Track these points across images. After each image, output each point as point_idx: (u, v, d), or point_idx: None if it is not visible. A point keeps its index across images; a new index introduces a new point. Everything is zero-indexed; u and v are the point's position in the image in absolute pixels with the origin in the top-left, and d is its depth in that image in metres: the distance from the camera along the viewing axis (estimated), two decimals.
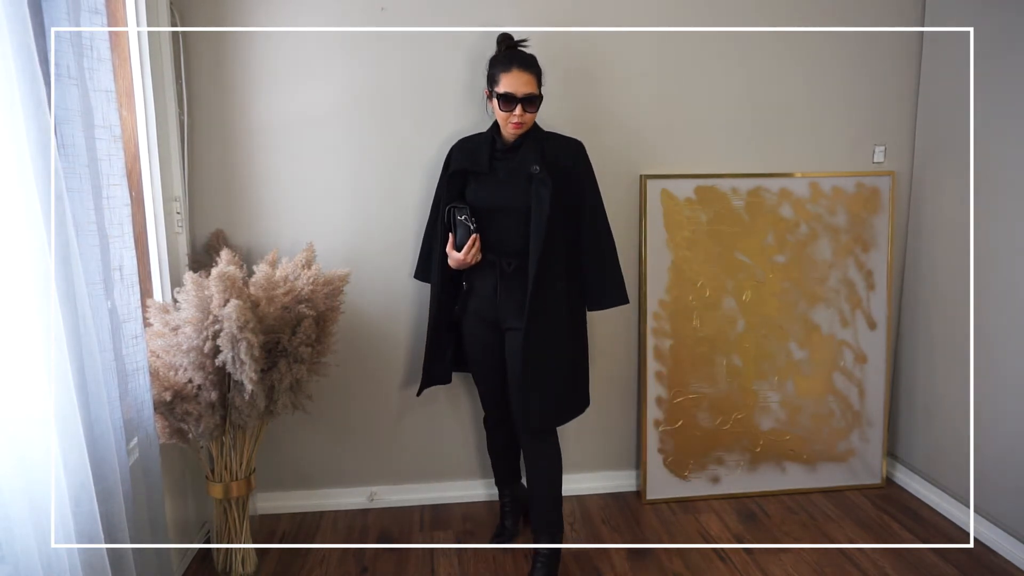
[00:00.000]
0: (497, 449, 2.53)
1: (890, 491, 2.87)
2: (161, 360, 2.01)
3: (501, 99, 2.12)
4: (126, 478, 1.64)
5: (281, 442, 2.69)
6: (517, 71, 2.11)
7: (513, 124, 2.14)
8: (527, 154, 2.18)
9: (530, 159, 2.18)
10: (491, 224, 2.21)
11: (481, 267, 2.24)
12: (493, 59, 2.21)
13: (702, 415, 2.80)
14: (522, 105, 2.11)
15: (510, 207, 2.19)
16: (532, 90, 2.13)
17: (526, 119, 2.15)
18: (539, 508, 2.27)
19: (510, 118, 2.13)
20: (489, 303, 2.25)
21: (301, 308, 2.11)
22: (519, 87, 2.11)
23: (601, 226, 2.29)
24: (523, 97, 2.11)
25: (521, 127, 2.15)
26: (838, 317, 2.83)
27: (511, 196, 2.19)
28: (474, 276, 2.27)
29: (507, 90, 2.11)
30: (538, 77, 2.16)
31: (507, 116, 2.13)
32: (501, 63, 2.15)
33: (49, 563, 1.30)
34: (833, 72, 2.73)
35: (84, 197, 1.53)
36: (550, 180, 2.14)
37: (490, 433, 2.51)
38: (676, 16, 2.60)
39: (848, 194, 2.78)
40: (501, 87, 2.12)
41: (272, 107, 2.49)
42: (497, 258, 2.22)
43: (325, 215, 2.57)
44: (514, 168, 2.20)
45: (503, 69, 2.13)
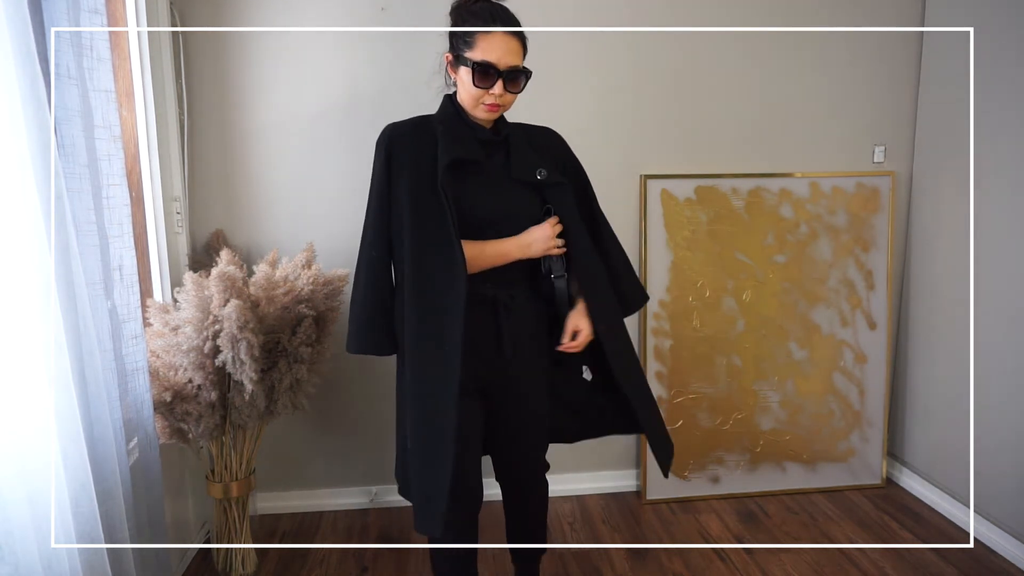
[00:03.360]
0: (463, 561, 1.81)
1: (890, 491, 2.87)
2: (161, 360, 2.01)
3: (476, 70, 1.56)
4: (126, 478, 1.64)
5: (281, 442, 2.69)
6: (502, 35, 1.56)
7: (487, 105, 1.60)
8: (523, 151, 1.71)
9: (530, 158, 1.70)
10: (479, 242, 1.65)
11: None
12: (459, 8, 1.63)
13: (702, 415, 2.80)
14: (503, 81, 1.58)
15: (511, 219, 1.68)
16: (518, 61, 1.59)
17: (506, 100, 1.61)
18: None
19: (484, 97, 1.59)
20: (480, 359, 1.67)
21: (301, 308, 2.11)
22: (502, 56, 1.56)
23: (609, 227, 1.91)
24: (506, 71, 1.57)
25: (497, 111, 1.62)
26: (838, 317, 2.83)
27: (514, 205, 1.69)
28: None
29: (486, 59, 1.55)
30: (524, 45, 1.62)
31: (480, 95, 1.59)
32: (479, 17, 1.58)
33: (49, 563, 1.30)
34: (833, 72, 2.73)
35: (84, 197, 1.53)
36: (567, 182, 1.74)
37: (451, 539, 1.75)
38: (676, 16, 2.60)
39: (848, 194, 2.78)
40: (478, 53, 1.56)
41: (272, 107, 2.49)
42: (494, 290, 1.66)
43: (325, 215, 2.57)
44: (505, 169, 1.69)
45: (481, 27, 1.57)
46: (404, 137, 1.67)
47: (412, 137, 1.67)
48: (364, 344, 1.73)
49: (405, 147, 1.66)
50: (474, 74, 1.57)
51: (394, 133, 1.69)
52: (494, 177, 1.69)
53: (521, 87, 1.62)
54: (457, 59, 1.62)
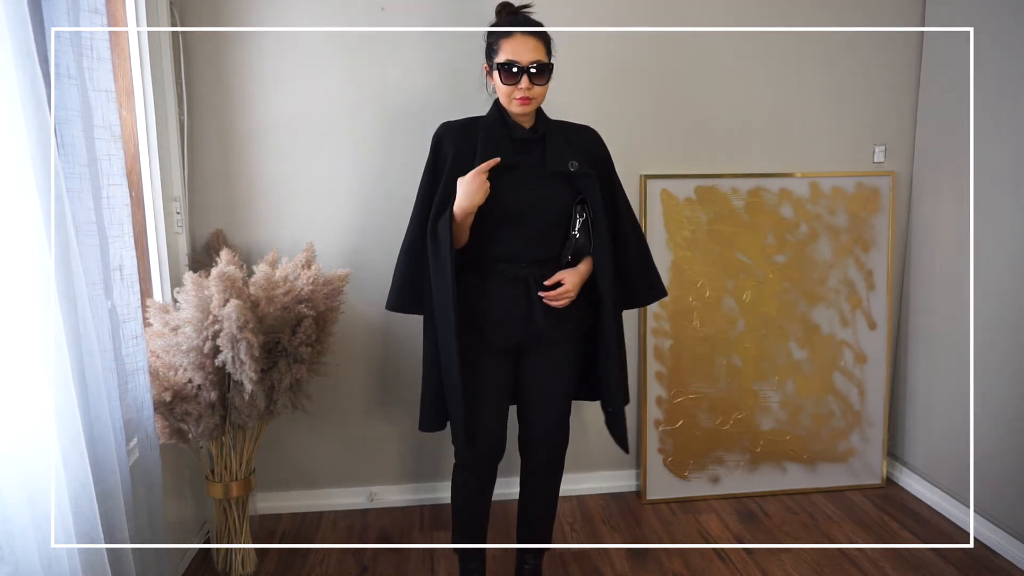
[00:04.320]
0: (478, 496, 2.08)
1: (890, 491, 2.87)
2: (161, 360, 2.01)
3: (503, 69, 1.80)
4: (126, 478, 1.64)
5: (281, 442, 2.69)
6: (521, 36, 1.79)
7: (519, 100, 1.82)
8: (558, 145, 1.90)
9: (564, 152, 1.89)
10: (514, 230, 1.90)
11: (501, 282, 1.92)
12: (492, 27, 1.91)
13: (702, 415, 2.80)
14: (528, 76, 1.80)
15: (546, 208, 1.89)
16: (540, 57, 1.80)
17: (535, 92, 1.82)
18: (539, 529, 2.18)
19: (514, 92, 1.81)
20: (514, 327, 1.94)
21: (301, 308, 2.11)
22: (523, 54, 1.79)
23: (635, 219, 2.09)
24: (529, 65, 1.79)
25: (529, 103, 1.83)
26: (838, 317, 2.83)
27: (548, 196, 1.89)
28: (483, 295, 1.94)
29: (509, 58, 1.79)
30: (547, 44, 1.85)
31: (511, 90, 1.81)
32: (501, 28, 1.85)
33: (49, 563, 1.30)
34: (833, 72, 2.73)
35: (84, 197, 1.53)
36: (593, 174, 1.90)
37: (467, 476, 2.06)
38: (676, 16, 2.60)
39: (848, 194, 2.78)
40: (502, 56, 1.81)
41: (272, 107, 2.49)
42: (528, 270, 1.91)
43: (325, 215, 2.57)
44: (541, 162, 1.90)
45: (503, 35, 1.81)
46: (451, 134, 1.94)
47: (459, 134, 1.93)
48: (397, 304, 2.05)
49: (451, 144, 1.93)
50: (501, 73, 1.81)
51: (444, 131, 1.97)
52: (529, 171, 1.90)
53: (546, 80, 1.84)
54: (491, 67, 1.87)
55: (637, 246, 2.08)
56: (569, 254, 1.94)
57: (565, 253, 1.95)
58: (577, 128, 2.02)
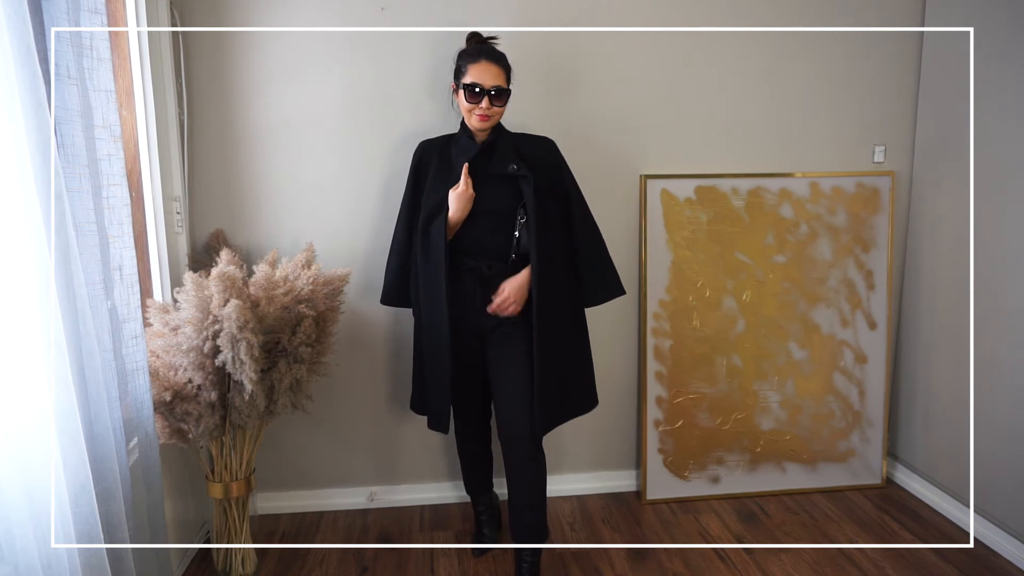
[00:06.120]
0: (475, 457, 2.46)
1: (890, 491, 2.87)
2: (161, 360, 2.01)
3: (467, 90, 2.06)
4: (126, 478, 1.65)
5: (281, 442, 2.69)
6: (485, 63, 2.06)
7: (479, 116, 2.08)
8: (504, 153, 2.14)
9: (507, 158, 2.13)
10: (470, 227, 2.15)
11: (458, 273, 2.18)
12: (462, 52, 2.15)
13: (702, 415, 2.80)
14: (489, 97, 2.06)
15: (491, 209, 2.13)
16: (500, 83, 2.07)
17: (493, 112, 2.09)
18: (527, 519, 2.20)
19: (475, 110, 2.08)
20: (469, 309, 2.19)
21: (301, 308, 2.11)
22: (487, 79, 2.06)
23: (590, 219, 2.27)
24: (491, 89, 2.06)
25: (488, 120, 2.09)
26: (838, 317, 2.83)
27: (494, 197, 2.13)
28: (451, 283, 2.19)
29: (474, 80, 2.06)
30: (507, 72, 2.12)
31: (472, 108, 2.08)
32: (470, 55, 2.10)
33: (49, 563, 1.30)
34: (833, 72, 2.73)
35: (84, 197, 1.53)
36: (532, 176, 2.11)
37: (464, 444, 2.45)
38: (676, 16, 2.60)
39: (848, 194, 2.78)
40: (468, 78, 2.07)
41: (272, 107, 2.49)
42: (476, 262, 2.16)
43: (325, 215, 2.57)
44: (491, 168, 2.14)
45: (471, 60, 2.08)
46: (428, 151, 2.26)
47: (435, 150, 2.24)
48: (390, 298, 2.35)
49: (430, 158, 2.24)
50: (466, 92, 2.08)
51: (422, 148, 2.28)
52: (483, 176, 2.14)
53: (504, 103, 2.10)
54: (457, 86, 2.12)
55: (591, 247, 2.26)
56: (513, 252, 2.15)
57: (510, 252, 2.15)
58: (532, 138, 2.25)
